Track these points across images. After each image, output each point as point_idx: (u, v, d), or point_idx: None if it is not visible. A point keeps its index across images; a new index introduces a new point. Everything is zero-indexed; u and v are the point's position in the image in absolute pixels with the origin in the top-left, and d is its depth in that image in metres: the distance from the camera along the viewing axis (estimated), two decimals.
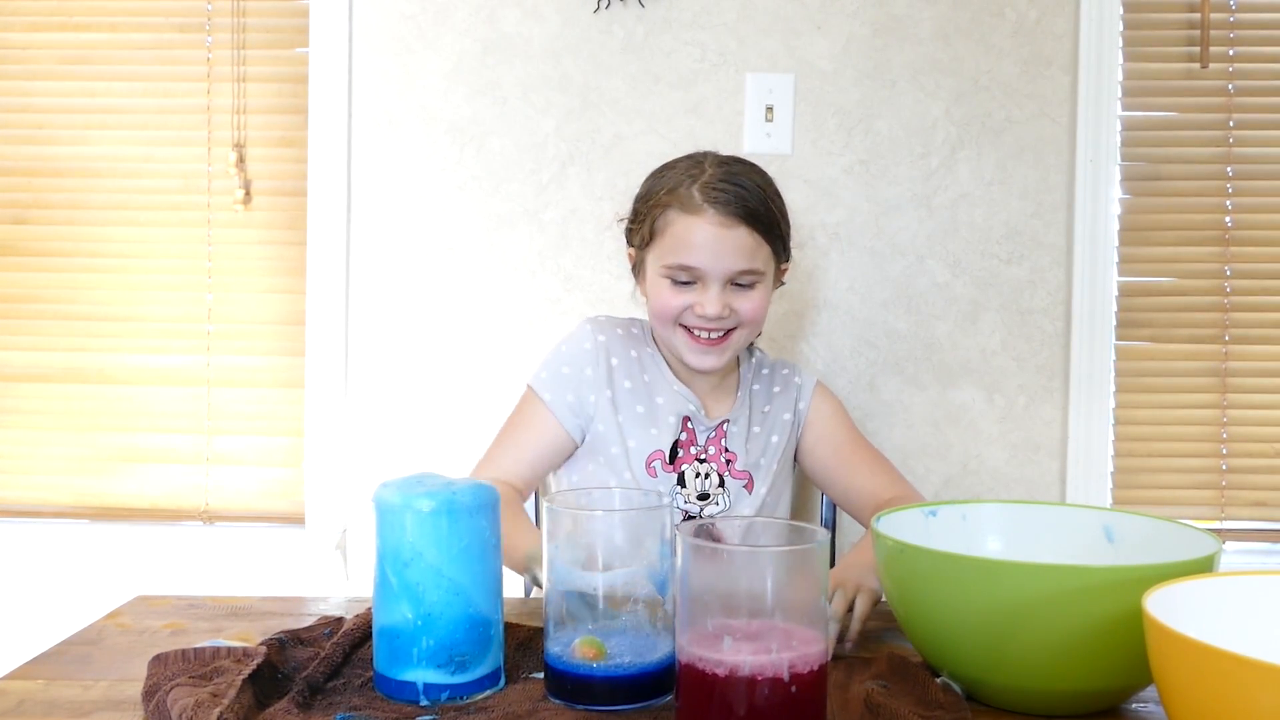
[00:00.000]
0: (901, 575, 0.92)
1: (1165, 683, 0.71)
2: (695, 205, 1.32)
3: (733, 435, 1.42)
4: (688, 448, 1.40)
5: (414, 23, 1.90)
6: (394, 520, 0.89)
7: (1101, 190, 1.89)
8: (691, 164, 1.37)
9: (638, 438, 1.39)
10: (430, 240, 1.91)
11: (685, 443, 1.40)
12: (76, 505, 1.96)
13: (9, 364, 1.96)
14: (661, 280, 1.35)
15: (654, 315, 1.39)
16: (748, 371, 1.48)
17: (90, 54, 1.94)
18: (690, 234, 1.31)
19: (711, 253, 1.31)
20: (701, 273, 1.32)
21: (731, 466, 1.41)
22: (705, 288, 1.32)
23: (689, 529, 0.81)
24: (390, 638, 0.89)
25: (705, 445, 1.41)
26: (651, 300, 1.38)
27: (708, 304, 1.32)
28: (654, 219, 1.36)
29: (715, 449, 1.41)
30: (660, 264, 1.35)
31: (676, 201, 1.33)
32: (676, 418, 1.40)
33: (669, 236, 1.34)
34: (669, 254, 1.33)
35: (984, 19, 1.90)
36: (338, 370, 1.90)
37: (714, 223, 1.31)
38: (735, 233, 1.31)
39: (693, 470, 1.40)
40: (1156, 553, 0.98)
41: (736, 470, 1.41)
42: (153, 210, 1.94)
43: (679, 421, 1.40)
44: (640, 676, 0.87)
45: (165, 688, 0.85)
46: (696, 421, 1.41)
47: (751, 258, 1.33)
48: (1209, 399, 1.94)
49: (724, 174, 1.34)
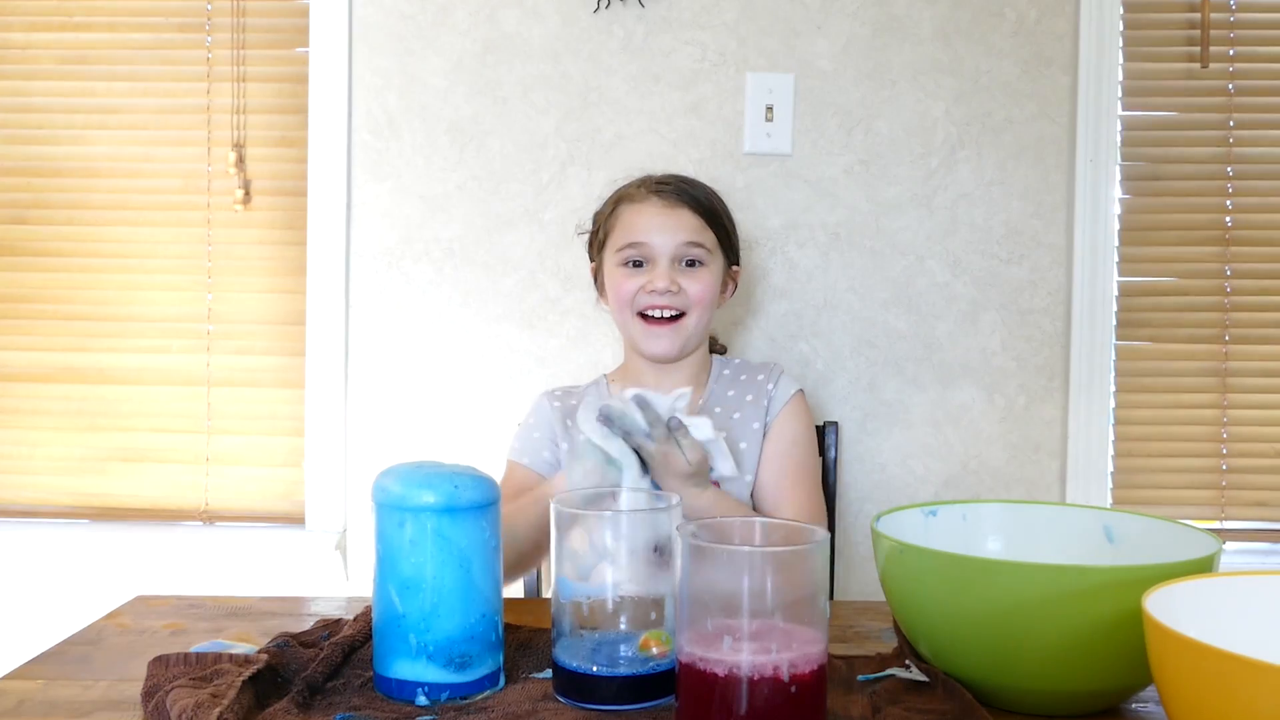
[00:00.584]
0: (901, 575, 0.92)
1: (1165, 683, 0.71)
2: (642, 196, 1.48)
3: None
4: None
5: (414, 23, 1.90)
6: (394, 518, 0.89)
7: (1101, 190, 1.89)
8: (640, 178, 1.53)
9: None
10: (430, 240, 1.91)
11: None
12: (76, 505, 1.96)
13: (9, 364, 1.96)
14: (617, 270, 1.47)
15: (614, 309, 1.50)
16: (715, 383, 1.50)
17: (90, 54, 1.94)
18: (638, 217, 1.46)
19: (657, 228, 1.44)
20: (650, 249, 1.44)
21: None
22: (655, 265, 1.44)
23: (689, 529, 0.81)
24: (390, 637, 0.89)
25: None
26: (609, 292, 1.50)
27: (657, 278, 1.43)
28: (606, 218, 1.51)
29: None
30: (614, 252, 1.47)
31: (626, 198, 1.50)
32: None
33: (620, 226, 1.48)
34: (621, 238, 1.47)
35: (984, 19, 1.90)
36: (338, 370, 1.90)
37: (659, 206, 1.46)
38: (679, 212, 1.46)
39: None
40: (1156, 553, 0.98)
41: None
42: (152, 210, 1.94)
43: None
44: (648, 676, 0.87)
45: (165, 688, 0.85)
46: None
47: (696, 233, 1.45)
48: (1209, 399, 1.94)
49: (668, 176, 1.51)
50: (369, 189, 1.91)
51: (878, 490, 1.92)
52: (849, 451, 1.91)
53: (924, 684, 0.92)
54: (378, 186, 1.91)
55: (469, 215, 1.91)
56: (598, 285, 1.56)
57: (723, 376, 1.51)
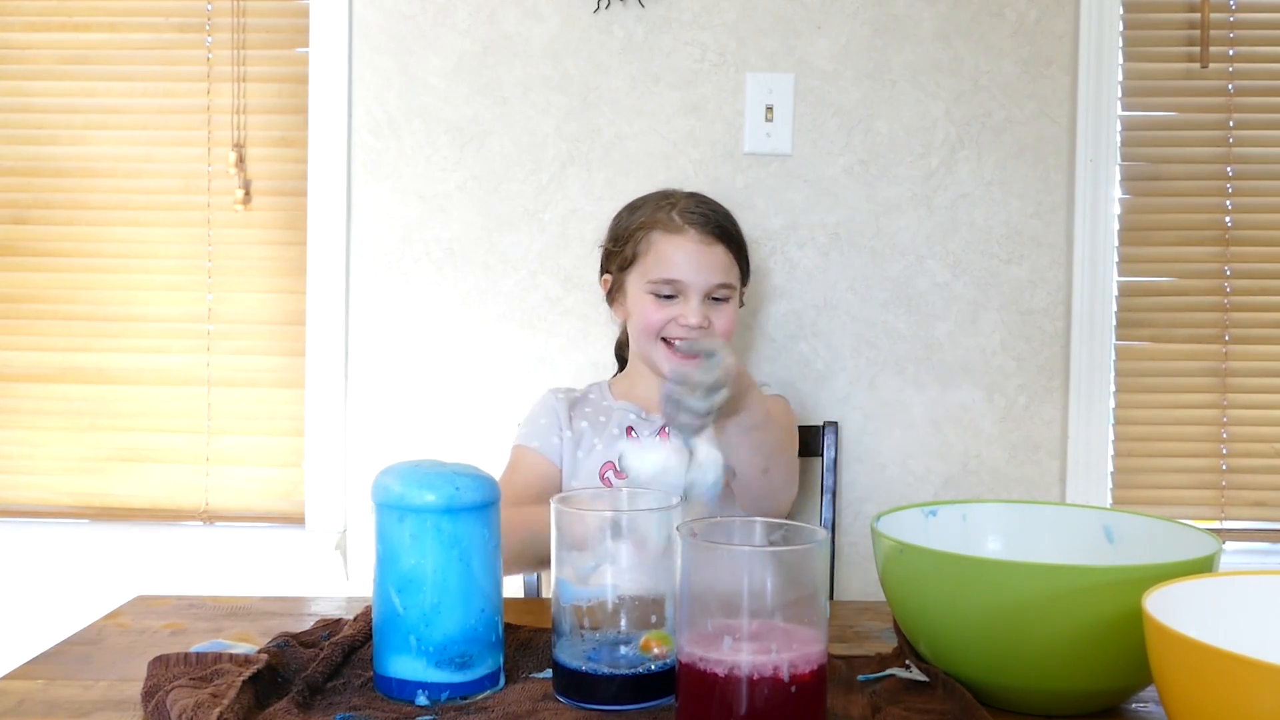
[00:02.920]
0: (901, 575, 0.92)
1: (1165, 683, 0.71)
2: (677, 226, 1.48)
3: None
4: None
5: (414, 23, 1.90)
6: (394, 518, 0.89)
7: (1101, 190, 1.89)
8: (662, 197, 1.53)
9: (592, 461, 1.49)
10: (430, 240, 1.91)
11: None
12: (76, 505, 1.96)
13: (9, 364, 1.96)
14: (645, 297, 1.48)
15: (637, 331, 1.50)
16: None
17: (90, 54, 1.94)
18: (674, 251, 1.46)
19: (694, 267, 1.46)
20: (684, 286, 1.46)
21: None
22: (686, 301, 1.45)
23: (690, 529, 0.81)
24: (390, 637, 0.89)
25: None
26: (635, 317, 1.50)
27: (690, 315, 1.44)
28: (636, 241, 1.50)
29: None
30: (644, 280, 1.48)
31: (659, 225, 1.49)
32: (620, 428, 1.50)
33: (652, 255, 1.48)
34: (653, 270, 1.47)
35: (984, 19, 1.90)
36: (338, 370, 1.90)
37: (695, 240, 1.46)
38: (714, 250, 1.47)
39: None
40: (1156, 553, 0.98)
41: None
42: (153, 210, 1.94)
43: (622, 432, 1.50)
44: (648, 676, 0.87)
45: (165, 688, 0.85)
46: (640, 428, 1.49)
47: (727, 273, 1.48)
48: (1209, 399, 1.94)
49: (696, 202, 1.52)
50: (369, 189, 1.91)
51: (877, 490, 1.92)
52: (849, 451, 1.91)
53: (924, 684, 0.92)
54: (378, 186, 1.91)
55: (469, 215, 1.91)
56: (610, 297, 1.57)
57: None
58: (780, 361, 1.90)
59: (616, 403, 1.54)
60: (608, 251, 1.57)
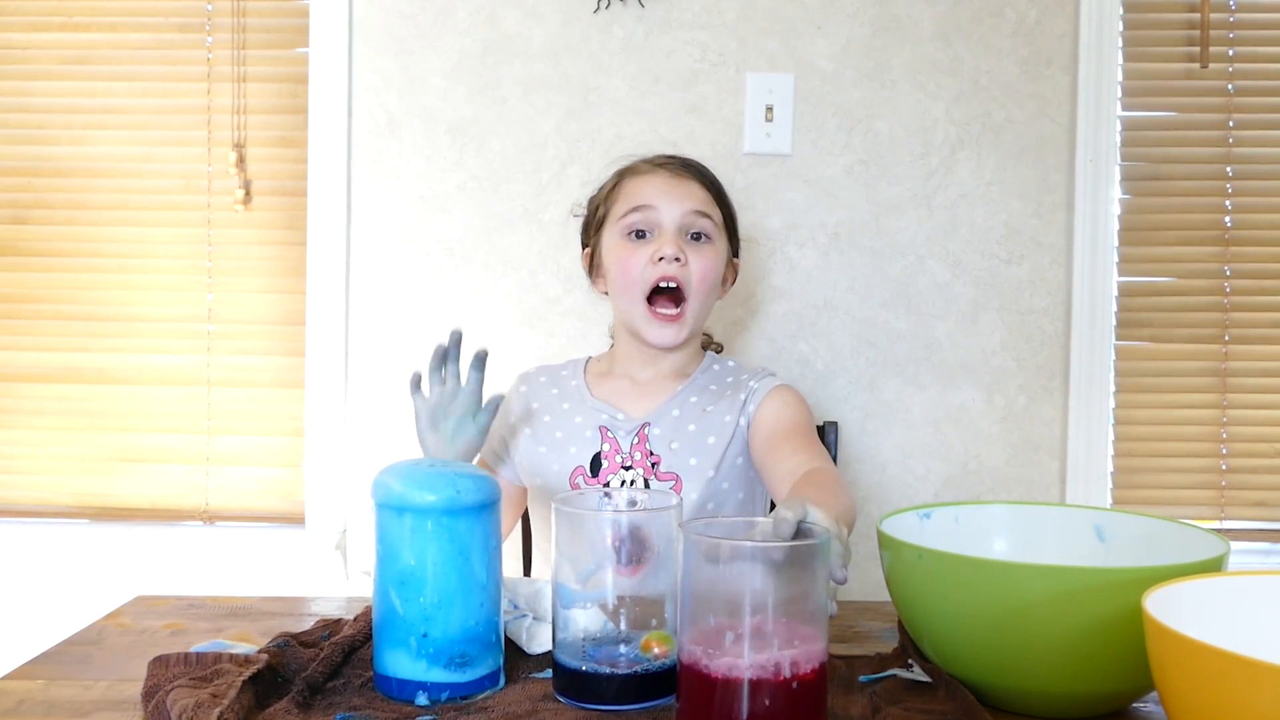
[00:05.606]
0: (902, 575, 0.92)
1: (1165, 683, 0.71)
2: (648, 169, 1.44)
3: (654, 438, 1.40)
4: (612, 457, 1.40)
5: (414, 23, 1.90)
6: (394, 518, 0.89)
7: (1101, 190, 1.89)
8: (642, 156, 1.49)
9: (560, 461, 1.42)
10: (430, 240, 1.91)
11: (609, 453, 1.40)
12: (76, 505, 1.96)
13: (9, 364, 1.96)
14: (620, 244, 1.41)
15: (617, 290, 1.43)
16: (702, 374, 1.46)
17: (90, 54, 1.94)
18: (644, 185, 1.42)
19: (664, 194, 1.40)
20: (657, 215, 1.40)
21: (656, 469, 1.39)
22: (661, 234, 1.39)
23: (690, 528, 0.81)
24: (390, 637, 0.89)
25: (630, 451, 1.39)
26: (612, 272, 1.43)
27: (665, 244, 1.38)
28: (608, 193, 1.46)
29: (640, 454, 1.39)
30: (616, 222, 1.42)
31: (629, 172, 1.46)
32: (594, 430, 1.41)
33: (624, 196, 1.43)
34: (624, 205, 1.42)
35: (984, 19, 1.90)
36: (338, 370, 1.90)
37: (665, 175, 1.43)
38: (687, 183, 1.42)
39: (618, 479, 1.39)
40: (1160, 554, 0.98)
41: (661, 473, 1.39)
42: (153, 210, 1.94)
43: (597, 434, 1.41)
44: (648, 675, 0.87)
45: (165, 688, 0.85)
46: (616, 428, 1.41)
47: (704, 204, 1.42)
48: (1209, 399, 1.94)
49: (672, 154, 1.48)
50: (369, 189, 1.91)
51: (878, 490, 1.92)
52: (849, 451, 1.91)
53: (925, 684, 0.92)
54: (378, 186, 1.91)
55: (469, 215, 1.91)
56: (590, 272, 1.51)
57: (711, 370, 1.48)
58: (780, 361, 1.90)
59: (591, 400, 1.45)
60: (585, 223, 1.51)
